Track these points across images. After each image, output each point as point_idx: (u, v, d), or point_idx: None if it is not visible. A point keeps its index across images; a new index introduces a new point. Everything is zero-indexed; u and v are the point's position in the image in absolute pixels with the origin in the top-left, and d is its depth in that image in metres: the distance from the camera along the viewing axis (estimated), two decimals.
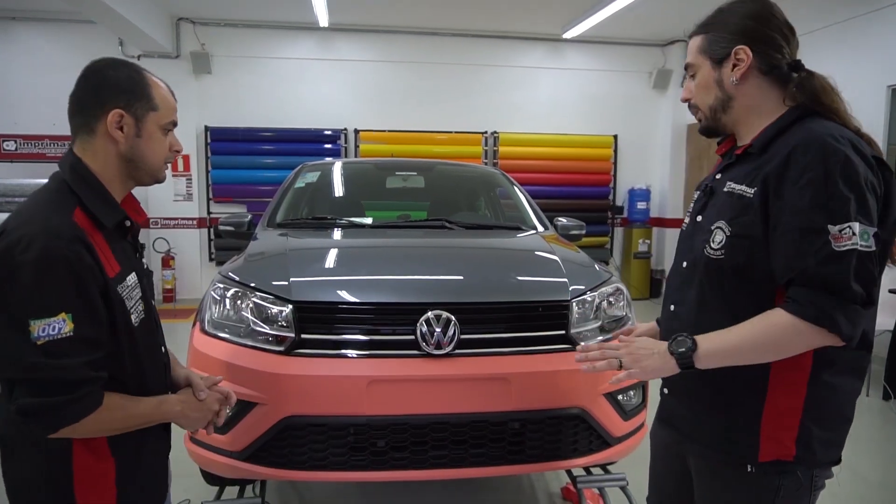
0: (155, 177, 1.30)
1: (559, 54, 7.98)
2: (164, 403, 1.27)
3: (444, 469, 2.00)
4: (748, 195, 1.23)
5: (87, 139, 1.22)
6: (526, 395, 2.00)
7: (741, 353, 1.19)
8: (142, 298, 1.27)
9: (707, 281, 1.29)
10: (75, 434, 1.13)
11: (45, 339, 1.05)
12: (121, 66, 1.24)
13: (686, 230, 1.44)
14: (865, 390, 4.56)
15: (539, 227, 3.19)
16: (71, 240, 1.09)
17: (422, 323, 1.99)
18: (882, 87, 5.29)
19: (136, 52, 7.09)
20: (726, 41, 1.30)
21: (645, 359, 1.24)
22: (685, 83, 1.43)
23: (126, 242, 1.28)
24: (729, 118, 1.35)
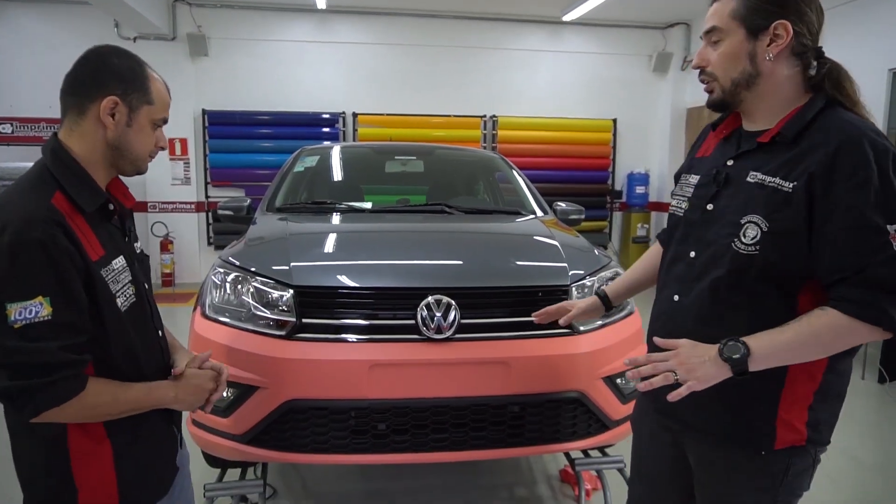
0: (137, 168, 1.30)
1: (558, 37, 7.92)
2: (156, 390, 1.27)
3: (445, 452, 2.02)
4: (785, 189, 1.17)
5: (76, 120, 1.21)
6: (525, 378, 2.02)
7: (792, 354, 1.17)
8: (131, 282, 1.26)
9: (729, 275, 1.23)
10: (61, 419, 1.13)
11: (23, 322, 1.05)
12: (124, 56, 1.24)
13: (690, 217, 1.35)
14: (861, 373, 4.60)
15: (538, 212, 3.19)
16: (46, 223, 1.09)
17: (422, 307, 1.99)
18: (883, 71, 5.27)
19: (131, 33, 7.02)
20: (768, 12, 1.20)
21: (699, 368, 1.16)
22: (702, 49, 1.30)
23: (112, 226, 1.28)
24: (750, 95, 1.26)
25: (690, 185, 1.38)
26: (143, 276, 1.35)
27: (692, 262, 1.32)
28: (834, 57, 1.29)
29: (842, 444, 3.43)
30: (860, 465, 3.25)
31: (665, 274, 1.43)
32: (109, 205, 1.25)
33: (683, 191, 1.40)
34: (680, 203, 1.40)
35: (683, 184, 1.42)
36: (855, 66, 5.34)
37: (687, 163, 1.48)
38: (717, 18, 1.25)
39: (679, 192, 1.42)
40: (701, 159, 1.42)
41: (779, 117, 1.25)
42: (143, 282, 1.33)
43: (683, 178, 1.43)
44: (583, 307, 1.71)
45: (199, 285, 2.46)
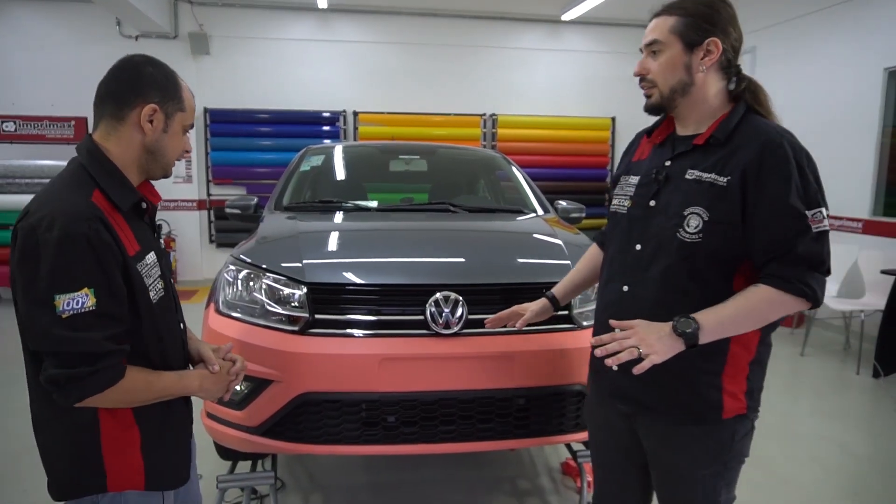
0: (165, 171, 1.38)
1: (558, 36, 7.98)
2: (184, 378, 1.35)
3: (453, 443, 2.09)
4: (721, 183, 1.34)
5: (114, 125, 1.28)
6: (530, 372, 2.08)
7: (735, 326, 1.33)
8: (161, 277, 1.34)
9: (677, 262, 1.38)
10: (100, 404, 1.19)
11: (70, 312, 1.11)
12: (159, 66, 1.32)
13: (634, 213, 1.49)
14: (856, 369, 4.68)
15: (540, 211, 3.25)
16: (90, 218, 1.15)
17: (431, 303, 2.06)
18: (879, 70, 5.34)
19: (133, 32, 7.06)
20: (701, 30, 1.38)
21: (657, 343, 1.28)
22: (643, 60, 1.46)
23: (143, 223, 1.36)
24: (684, 101, 1.43)
25: (631, 185, 1.53)
26: (168, 270, 1.43)
27: (639, 254, 1.46)
28: (830, 57, 1.50)
29: (837, 437, 3.52)
30: (855, 456, 3.32)
31: (610, 268, 1.57)
32: (143, 203, 1.33)
33: (625, 191, 1.55)
34: (622, 202, 1.54)
35: (624, 184, 1.56)
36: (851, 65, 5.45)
37: (625, 167, 1.62)
38: (658, 32, 1.42)
39: (620, 192, 1.56)
40: (638, 162, 1.57)
41: (707, 123, 1.43)
42: (168, 276, 1.40)
43: (623, 179, 1.58)
44: (535, 310, 1.82)
45: (200, 283, 2.52)
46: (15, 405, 3.74)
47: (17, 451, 3.18)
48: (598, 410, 1.65)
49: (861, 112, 5.52)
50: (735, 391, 1.41)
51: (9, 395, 3.90)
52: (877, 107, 5.37)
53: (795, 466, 3.14)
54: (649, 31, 1.44)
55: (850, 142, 5.63)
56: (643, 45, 1.46)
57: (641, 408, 1.49)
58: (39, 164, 6.41)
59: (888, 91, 5.34)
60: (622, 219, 1.53)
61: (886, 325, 4.53)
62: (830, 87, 5.86)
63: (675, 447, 1.46)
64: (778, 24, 6.48)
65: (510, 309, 1.85)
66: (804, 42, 6.15)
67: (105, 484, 1.26)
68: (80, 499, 1.27)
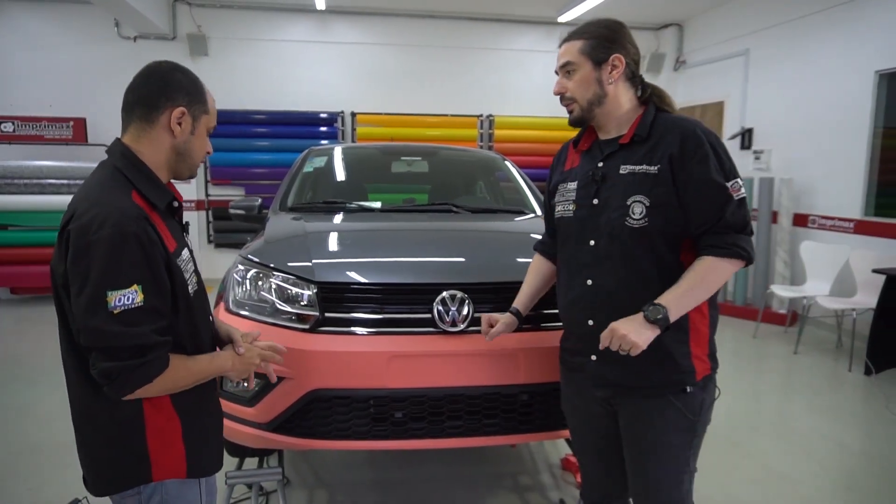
0: (192, 171, 1.44)
1: (554, 37, 8.04)
2: (217, 358, 1.42)
3: (460, 438, 2.14)
4: (652, 171, 1.53)
5: (144, 128, 1.33)
6: (534, 368, 2.13)
7: (692, 298, 1.52)
8: (194, 271, 1.42)
9: (633, 246, 1.55)
10: (147, 394, 1.25)
11: (121, 308, 1.17)
12: (185, 71, 1.38)
13: (580, 214, 1.65)
14: (848, 366, 4.76)
15: (539, 211, 3.31)
16: (138, 218, 1.22)
17: (438, 302, 2.11)
18: (870, 73, 5.42)
19: (132, 33, 7.08)
20: (605, 48, 1.59)
21: (634, 335, 1.44)
22: (559, 80, 1.66)
23: (175, 221, 1.42)
24: (601, 110, 1.62)
25: (571, 190, 1.70)
26: (198, 266, 1.50)
27: (594, 249, 1.62)
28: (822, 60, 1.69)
29: (831, 433, 3.59)
30: (848, 451, 3.40)
31: (569, 266, 1.71)
32: (174, 202, 1.39)
33: (566, 196, 1.71)
34: (566, 207, 1.70)
35: (563, 191, 1.73)
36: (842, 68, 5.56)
37: (559, 176, 1.79)
38: (569, 55, 1.63)
39: (562, 199, 1.73)
40: (571, 170, 1.74)
41: (625, 126, 1.63)
42: (198, 271, 1.48)
43: (561, 186, 1.75)
44: (508, 322, 1.92)
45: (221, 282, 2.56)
46: (14, 404, 3.77)
47: (19, 450, 3.21)
48: (577, 402, 1.79)
49: (853, 114, 5.60)
50: (700, 354, 1.60)
51: (8, 395, 3.93)
52: (868, 109, 5.46)
53: (791, 462, 3.21)
54: (562, 55, 1.64)
55: (842, 143, 5.72)
56: (558, 68, 1.66)
57: (619, 389, 1.64)
58: (38, 164, 6.42)
59: (879, 93, 5.42)
60: (570, 221, 1.69)
61: (878, 324, 4.62)
62: (822, 90, 5.94)
63: (650, 419, 1.60)
64: (770, 27, 6.56)
65: (484, 317, 1.94)
66: (796, 45, 6.23)
67: (150, 474, 1.32)
68: (123, 492, 1.33)
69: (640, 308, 1.50)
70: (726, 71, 7.25)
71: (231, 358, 1.45)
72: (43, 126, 6.67)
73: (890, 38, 5.28)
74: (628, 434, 1.66)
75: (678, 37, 8.04)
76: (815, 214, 5.99)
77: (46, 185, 6.42)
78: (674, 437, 1.60)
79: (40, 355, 4.68)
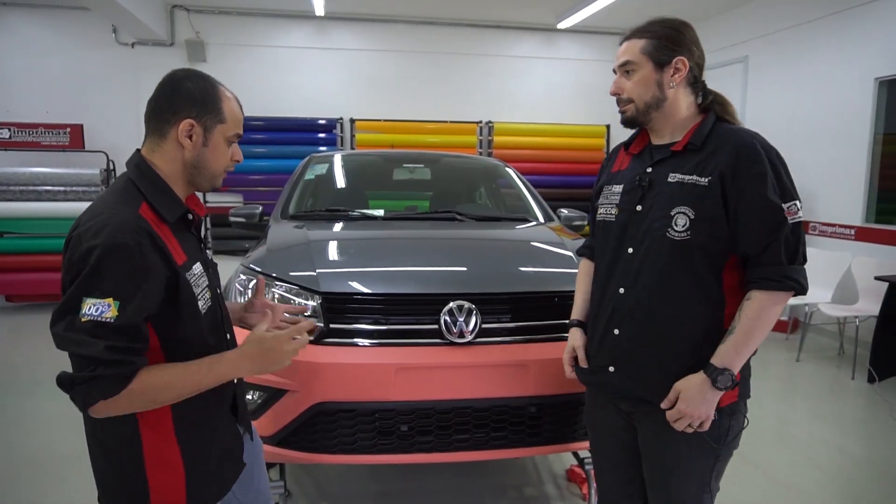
0: (212, 183, 1.38)
1: (553, 44, 8.05)
2: (218, 365, 1.24)
3: (467, 451, 2.10)
4: (702, 183, 1.45)
5: (157, 142, 1.31)
6: (543, 380, 2.10)
7: (750, 345, 1.44)
8: (208, 287, 1.34)
9: (669, 260, 1.48)
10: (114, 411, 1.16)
11: (89, 318, 1.11)
12: (198, 79, 1.31)
13: (622, 219, 1.59)
14: (851, 374, 4.74)
15: (543, 219, 3.29)
16: (135, 230, 1.16)
17: (445, 313, 2.08)
18: (869, 80, 5.42)
19: (129, 39, 7.05)
20: (669, 50, 1.51)
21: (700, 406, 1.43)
22: (617, 79, 1.58)
23: (191, 235, 1.37)
24: (658, 115, 1.55)
25: (616, 193, 1.63)
26: (217, 282, 1.43)
27: (631, 257, 1.56)
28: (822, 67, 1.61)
29: (833, 440, 3.57)
30: (851, 459, 3.37)
31: (604, 274, 1.65)
32: (189, 215, 1.34)
33: (609, 199, 1.65)
34: (609, 210, 1.64)
35: (608, 194, 1.66)
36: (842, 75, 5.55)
37: (606, 178, 1.72)
38: (630, 54, 1.54)
39: (606, 202, 1.66)
40: (619, 173, 1.67)
41: (681, 133, 1.55)
42: (216, 287, 1.40)
43: (606, 189, 1.68)
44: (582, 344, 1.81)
45: None
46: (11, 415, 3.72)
47: (17, 463, 3.15)
48: (599, 413, 1.74)
49: (853, 121, 5.60)
50: None
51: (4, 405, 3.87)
52: (868, 115, 5.45)
53: (795, 470, 3.18)
54: (622, 53, 1.56)
55: (843, 150, 5.71)
56: (616, 66, 1.58)
57: (642, 404, 1.58)
58: (34, 171, 6.36)
59: (879, 100, 5.42)
60: (611, 226, 1.62)
61: (880, 331, 4.60)
62: (822, 96, 5.94)
63: (670, 440, 1.53)
64: (770, 34, 6.57)
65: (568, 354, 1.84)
66: (796, 52, 6.24)
67: (148, 500, 1.26)
68: None
69: (669, 325, 1.46)
70: (725, 77, 7.25)
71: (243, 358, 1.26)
72: (39, 132, 6.62)
73: (889, 45, 5.29)
74: (648, 450, 1.61)
75: None
76: (816, 221, 5.99)
77: (43, 192, 6.36)
78: (695, 461, 1.54)
79: (37, 364, 4.61)
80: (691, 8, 7.23)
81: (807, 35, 6.10)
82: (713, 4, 7.06)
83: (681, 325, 1.49)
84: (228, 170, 1.40)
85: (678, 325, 1.49)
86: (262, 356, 1.27)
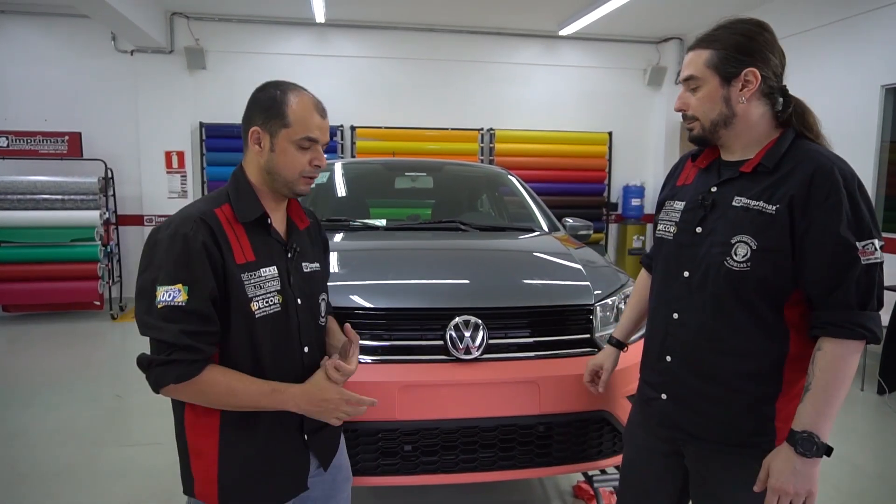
0: (291, 189, 1.38)
1: (555, 51, 8.01)
2: (279, 393, 1.29)
3: (474, 473, 2.02)
4: (769, 211, 1.31)
5: (246, 151, 1.40)
6: (553, 398, 2.03)
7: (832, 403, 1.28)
8: (279, 292, 1.34)
9: (727, 290, 1.36)
10: (179, 396, 1.26)
11: (164, 304, 1.20)
12: (269, 88, 1.37)
13: (680, 240, 1.47)
14: (860, 385, 4.67)
15: (548, 228, 3.22)
16: (196, 222, 1.25)
17: (451, 328, 2.00)
18: (876, 87, 5.39)
19: (129, 47, 7.00)
20: (737, 62, 1.35)
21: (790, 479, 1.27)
22: (682, 94, 1.45)
23: (272, 239, 1.38)
24: (727, 132, 1.41)
25: (677, 210, 1.51)
26: (301, 292, 1.41)
27: (686, 281, 1.45)
28: (828, 74, 1.47)
29: (843, 454, 3.49)
30: (862, 473, 3.29)
31: (658, 294, 1.55)
32: (267, 219, 1.38)
33: (670, 216, 1.53)
34: (668, 227, 1.52)
35: (669, 209, 1.54)
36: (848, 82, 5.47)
37: (669, 191, 1.60)
38: (693, 68, 1.40)
39: (666, 218, 1.54)
40: (683, 187, 1.54)
41: (755, 149, 1.40)
42: (295, 297, 1.39)
43: (668, 204, 1.56)
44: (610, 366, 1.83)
45: None
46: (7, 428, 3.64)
47: (23, 474, 3.08)
48: (641, 434, 1.63)
49: (860, 128, 5.55)
50: (787, 416, 1.37)
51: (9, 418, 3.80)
52: (875, 123, 5.41)
53: None
54: (685, 66, 1.43)
55: (850, 157, 5.43)
56: (681, 80, 1.45)
57: (690, 438, 1.48)
58: (32, 179, 6.30)
59: (886, 107, 5.38)
60: (668, 244, 1.52)
61: (890, 342, 4.52)
62: (828, 104, 5.88)
63: (721, 471, 1.44)
64: None
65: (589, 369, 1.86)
66: (801, 59, 6.20)
67: (192, 488, 1.32)
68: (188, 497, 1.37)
69: (724, 360, 1.36)
70: None
71: (300, 396, 1.30)
72: (37, 141, 6.56)
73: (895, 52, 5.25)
74: (696, 479, 1.50)
75: (679, 50, 8.01)
76: None
77: (41, 201, 6.30)
78: (744, 493, 1.40)
79: (35, 375, 4.56)
80: (694, 15, 7.19)
81: (811, 42, 6.06)
82: (718, 12, 6.95)
83: (738, 360, 1.37)
84: (310, 175, 1.39)
85: (735, 361, 1.38)
86: (318, 405, 1.32)
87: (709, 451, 1.45)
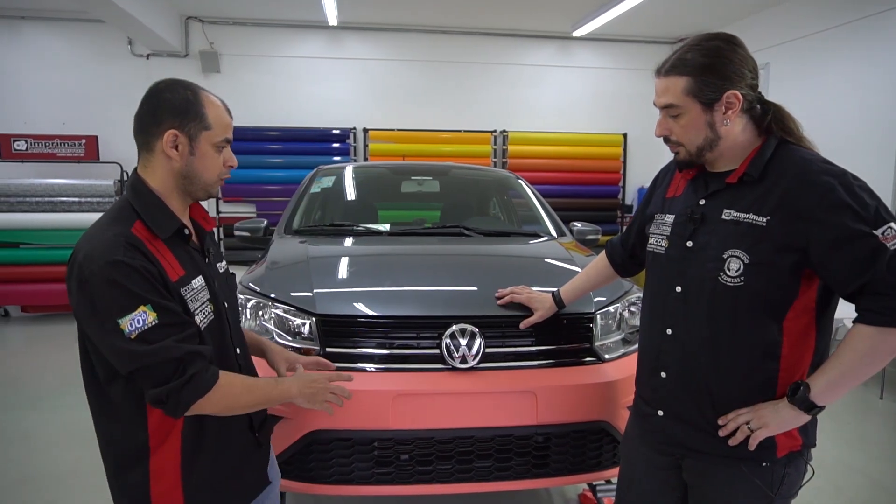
0: (208, 192, 1.35)
1: (569, 52, 7.95)
2: (282, 384, 1.38)
3: (470, 483, 1.99)
4: (760, 223, 1.29)
5: (147, 157, 1.29)
6: (552, 409, 1.99)
7: (849, 380, 1.28)
8: (210, 300, 1.32)
9: (721, 306, 1.34)
10: (207, 411, 1.23)
11: (136, 331, 1.13)
12: (178, 88, 1.28)
13: (672, 254, 1.45)
14: (879, 393, 4.54)
15: (554, 234, 3.18)
16: (125, 247, 1.17)
17: (447, 336, 1.98)
18: (891, 87, 5.25)
19: (144, 51, 7.09)
20: (716, 86, 1.31)
21: (770, 415, 1.30)
22: (661, 120, 1.41)
23: (191, 248, 1.34)
24: (713, 154, 1.38)
25: (667, 223, 1.48)
26: (224, 295, 1.41)
27: (680, 296, 1.42)
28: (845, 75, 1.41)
29: (860, 466, 3.39)
30: (880, 487, 3.19)
31: (652, 309, 1.52)
32: (184, 230, 1.32)
33: (661, 230, 1.50)
34: (659, 241, 1.50)
35: (660, 223, 1.51)
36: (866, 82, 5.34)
37: (659, 204, 1.57)
38: (671, 96, 1.35)
39: (657, 231, 1.51)
40: (672, 199, 1.51)
41: (739, 159, 1.37)
42: (222, 300, 1.38)
43: (658, 217, 1.53)
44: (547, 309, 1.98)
45: None
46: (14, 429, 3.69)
47: (16, 480, 3.11)
48: (638, 447, 1.60)
49: (877, 129, 5.42)
50: (790, 431, 1.35)
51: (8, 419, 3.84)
52: (893, 123, 5.28)
53: (819, 498, 3.01)
54: (661, 93, 1.37)
55: (867, 159, 5.53)
56: (659, 106, 1.39)
57: (689, 451, 1.46)
58: (50, 182, 6.40)
59: None
60: (660, 259, 1.49)
61: None
62: (846, 105, 5.77)
63: (721, 485, 1.42)
64: (791, 41, 6.41)
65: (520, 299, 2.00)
66: (818, 59, 6.07)
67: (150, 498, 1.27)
68: None
69: (720, 377, 1.34)
70: None
71: (299, 383, 1.40)
72: (55, 144, 6.67)
73: None
74: (695, 494, 1.48)
75: None
76: None
77: (58, 203, 6.40)
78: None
79: (45, 376, 4.60)
80: (709, 15, 7.08)
81: (829, 42, 5.93)
82: (732, 11, 6.92)
83: (734, 374, 1.35)
84: (224, 177, 1.37)
85: (729, 378, 1.36)
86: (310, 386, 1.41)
87: (709, 464, 1.42)
